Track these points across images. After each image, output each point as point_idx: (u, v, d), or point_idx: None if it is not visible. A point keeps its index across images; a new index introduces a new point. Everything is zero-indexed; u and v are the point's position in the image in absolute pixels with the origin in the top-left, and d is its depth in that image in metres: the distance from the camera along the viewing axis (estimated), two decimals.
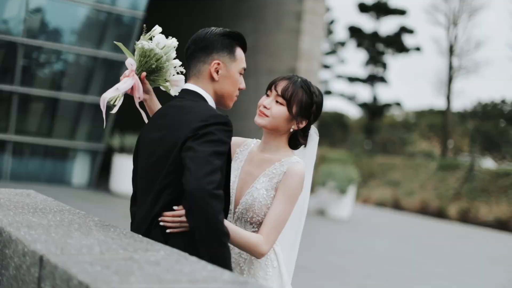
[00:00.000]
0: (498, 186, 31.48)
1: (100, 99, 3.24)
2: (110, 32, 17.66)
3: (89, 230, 2.72)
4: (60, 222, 2.82)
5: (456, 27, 42.18)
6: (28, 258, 2.29)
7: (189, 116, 2.95)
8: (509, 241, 23.77)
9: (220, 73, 3.13)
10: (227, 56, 3.14)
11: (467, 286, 11.93)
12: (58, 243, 2.34)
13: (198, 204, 2.67)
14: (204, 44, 3.14)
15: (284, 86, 3.30)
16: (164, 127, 3.06)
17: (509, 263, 16.97)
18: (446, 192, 32.69)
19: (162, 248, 2.49)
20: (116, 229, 2.82)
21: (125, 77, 3.22)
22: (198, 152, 2.76)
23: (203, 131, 2.84)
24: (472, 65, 42.12)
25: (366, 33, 44.82)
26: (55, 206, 3.36)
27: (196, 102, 3.07)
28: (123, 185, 17.02)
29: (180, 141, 2.89)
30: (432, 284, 11.46)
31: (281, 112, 3.30)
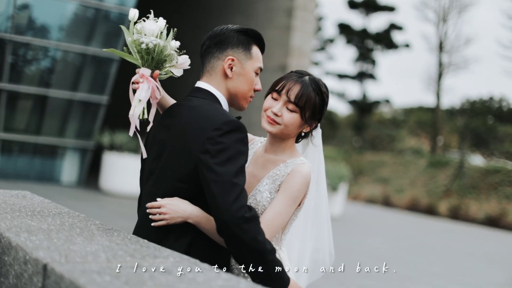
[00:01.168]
0: (488, 183, 31.54)
1: (131, 120, 2.96)
2: (99, 29, 17.47)
3: (92, 234, 2.58)
4: (60, 226, 2.68)
5: (445, 23, 42.21)
6: (30, 266, 2.15)
7: (201, 121, 2.83)
8: (502, 239, 23.79)
9: (234, 70, 3.00)
10: (242, 53, 3.01)
11: (467, 286, 11.84)
12: (62, 250, 2.20)
13: (234, 234, 2.65)
14: (219, 40, 3.02)
15: (297, 93, 3.09)
16: (173, 128, 2.94)
17: (505, 261, 16.95)
18: (436, 189, 32.72)
19: (171, 254, 2.36)
20: (119, 234, 2.69)
21: (136, 84, 2.99)
22: (221, 176, 2.67)
23: (220, 146, 2.72)
24: (462, 62, 42.18)
25: (355, 30, 44.78)
26: (53, 208, 3.22)
27: (209, 105, 2.93)
28: (113, 183, 16.87)
29: (193, 151, 2.78)
30: (431, 284, 11.37)
31: (293, 119, 3.13)
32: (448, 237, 21.79)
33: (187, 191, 2.85)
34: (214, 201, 2.67)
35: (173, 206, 2.88)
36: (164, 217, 2.87)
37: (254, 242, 2.66)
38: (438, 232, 23.00)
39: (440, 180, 33.71)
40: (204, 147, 2.74)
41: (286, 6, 20.32)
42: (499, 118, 44.92)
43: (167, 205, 2.89)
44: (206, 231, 2.85)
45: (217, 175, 2.68)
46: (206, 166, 2.71)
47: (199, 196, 2.83)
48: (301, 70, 3.22)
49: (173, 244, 2.81)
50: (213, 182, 2.68)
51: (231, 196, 2.64)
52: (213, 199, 2.67)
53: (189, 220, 2.84)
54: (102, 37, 17.50)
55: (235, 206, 2.63)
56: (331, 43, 47.67)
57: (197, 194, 2.83)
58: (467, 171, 32.97)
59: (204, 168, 2.72)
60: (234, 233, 2.64)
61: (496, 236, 24.31)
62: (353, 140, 46.61)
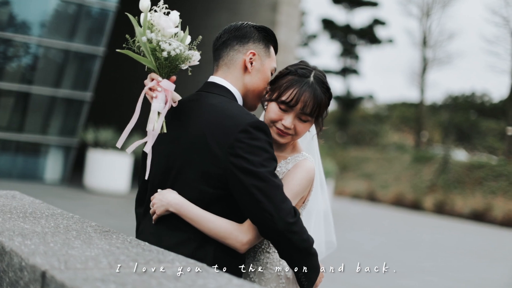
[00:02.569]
0: (473, 177, 31.62)
1: (150, 135, 2.79)
2: (82, 25, 17.25)
3: (90, 237, 2.43)
4: (55, 229, 2.53)
5: (429, 18, 42.24)
6: (26, 273, 1.99)
7: (224, 121, 2.69)
8: (489, 233, 23.83)
9: (254, 65, 2.90)
10: (263, 49, 2.93)
11: (459, 282, 11.77)
12: (60, 255, 2.05)
13: (284, 237, 2.60)
14: (241, 33, 2.93)
15: (312, 105, 2.90)
16: (189, 126, 2.78)
17: (495, 257, 16.96)
18: (420, 184, 32.77)
19: (176, 258, 2.22)
20: (118, 236, 2.54)
21: (150, 92, 2.82)
22: (264, 180, 2.59)
23: (253, 149, 2.62)
24: (445, 57, 42.26)
25: (339, 25, 44.74)
26: (45, 209, 3.06)
27: (229, 103, 2.80)
28: (98, 180, 16.68)
29: (219, 154, 2.65)
30: (423, 280, 11.30)
31: (307, 127, 2.98)
32: (436, 232, 21.79)
33: (212, 194, 2.72)
34: (258, 207, 2.58)
35: (159, 195, 2.79)
36: (153, 208, 2.79)
37: (302, 242, 2.63)
38: (425, 227, 23.00)
39: (425, 175, 33.76)
40: (234, 150, 2.62)
41: (271, 1, 20.20)
42: (482, 113, 45.14)
43: (156, 195, 2.80)
44: (189, 221, 2.71)
45: (259, 179, 2.59)
46: (243, 171, 2.60)
47: (223, 199, 2.72)
48: (301, 66, 3.01)
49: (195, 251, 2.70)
50: (255, 187, 2.58)
51: (278, 201, 2.58)
52: (258, 204, 2.58)
53: (170, 208, 2.73)
54: (84, 33, 17.28)
55: (284, 211, 2.57)
56: (314, 39, 47.61)
57: (222, 196, 2.72)
58: (451, 166, 33.03)
59: (240, 173, 2.61)
60: (284, 237, 2.59)
61: (482, 231, 24.36)
62: (336, 135, 46.60)
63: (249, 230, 2.72)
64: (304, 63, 3.06)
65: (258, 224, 2.62)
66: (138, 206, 3.13)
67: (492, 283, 12.30)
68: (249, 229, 2.72)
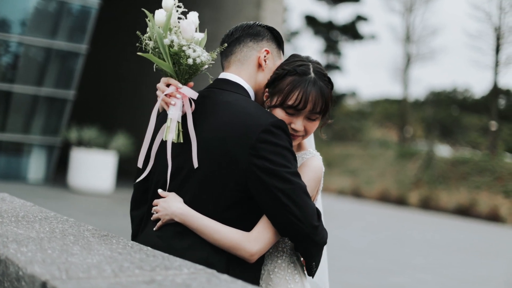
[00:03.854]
0: (457, 172, 31.70)
1: (166, 145, 2.64)
2: (64, 22, 17.02)
3: (88, 243, 2.28)
4: (51, 234, 2.38)
5: (412, 14, 42.28)
6: (24, 283, 1.84)
7: (244, 119, 2.57)
8: (475, 229, 23.87)
9: (267, 63, 2.82)
10: (275, 49, 2.90)
11: (451, 279, 11.71)
12: (60, 263, 1.90)
13: (309, 239, 2.56)
14: (255, 31, 2.86)
15: (321, 104, 2.77)
16: (204, 124, 2.64)
17: (484, 252, 16.97)
18: (405, 180, 32.81)
19: (183, 264, 2.08)
20: (118, 240, 2.39)
21: (167, 98, 2.67)
22: (290, 183, 2.50)
23: (277, 150, 2.52)
24: (428, 52, 42.32)
25: (322, 22, 44.70)
26: (38, 212, 2.91)
27: (246, 101, 2.69)
28: (82, 180, 16.47)
29: (239, 155, 2.53)
30: (414, 277, 11.23)
31: (316, 125, 2.86)
32: (423, 228, 21.79)
33: (228, 198, 2.60)
34: (284, 210, 2.49)
35: (164, 203, 2.66)
36: (158, 215, 2.67)
37: (322, 240, 2.61)
38: (412, 223, 23.01)
39: (409, 171, 33.81)
40: (256, 151, 2.51)
41: None
42: (465, 108, 45.32)
43: (160, 202, 2.68)
44: (195, 231, 2.59)
45: (284, 182, 2.49)
46: (267, 173, 2.50)
47: (240, 202, 2.60)
48: (297, 63, 2.83)
49: None
50: (280, 190, 2.49)
51: (304, 204, 2.50)
52: (283, 208, 2.49)
53: (174, 218, 2.61)
54: (67, 31, 17.06)
55: (310, 215, 2.51)
56: (297, 35, 47.55)
57: (239, 200, 2.60)
58: (436, 162, 33.10)
59: (264, 175, 2.50)
60: (308, 238, 2.55)
61: (469, 226, 24.40)
62: (320, 132, 46.55)
63: (258, 239, 2.60)
64: (297, 57, 2.90)
65: (282, 227, 2.54)
66: (134, 208, 2.99)
67: (484, 279, 12.27)
68: (258, 238, 2.60)
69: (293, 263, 2.86)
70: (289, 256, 2.85)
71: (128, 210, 3.14)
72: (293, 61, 2.86)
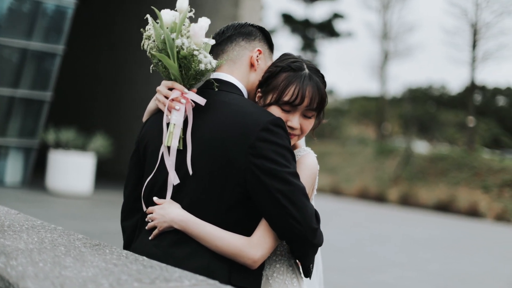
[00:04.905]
0: (436, 169, 31.84)
1: (169, 152, 2.55)
2: (40, 23, 16.79)
3: (81, 253, 2.16)
4: (40, 245, 2.25)
5: (388, 11, 42.38)
6: None
7: (243, 118, 2.49)
8: (455, 224, 23.97)
9: (259, 64, 2.74)
10: (267, 50, 2.84)
11: (432, 275, 11.69)
12: (53, 278, 1.78)
13: (308, 241, 2.50)
14: (247, 31, 2.78)
15: (317, 100, 2.71)
16: (197, 124, 2.55)
17: (466, 248, 17.05)
18: (384, 177, 32.90)
19: (183, 275, 1.97)
20: (111, 250, 2.28)
21: (171, 103, 2.55)
22: (289, 184, 2.44)
23: (277, 148, 2.45)
24: (405, 49, 42.47)
25: (298, 20, 44.71)
26: (24, 221, 2.77)
27: (242, 100, 2.62)
28: (60, 182, 16.27)
29: (236, 153, 2.46)
30: (395, 275, 11.19)
31: (311, 124, 2.80)
32: (404, 224, 21.84)
33: (227, 202, 2.51)
34: (283, 212, 2.42)
35: (160, 210, 2.55)
36: (154, 223, 2.56)
37: (320, 243, 2.55)
38: (392, 220, 23.05)
39: (388, 167, 33.90)
40: (256, 150, 2.44)
41: None
42: (441, 104, 45.61)
43: (156, 209, 2.56)
44: (196, 238, 2.49)
45: (284, 183, 2.43)
46: (267, 173, 2.43)
47: (240, 204, 2.52)
48: (290, 59, 2.77)
49: None
50: (279, 191, 2.42)
51: (303, 206, 2.44)
52: (282, 210, 2.42)
53: (174, 225, 2.51)
54: (43, 31, 16.83)
55: (310, 217, 2.45)
56: (274, 33, 47.51)
57: (239, 202, 2.51)
58: (414, 159, 33.22)
59: (263, 176, 2.43)
60: (308, 241, 2.49)
61: (449, 222, 24.49)
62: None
63: (260, 244, 2.52)
64: (289, 55, 2.84)
65: (280, 229, 2.47)
66: (125, 218, 2.88)
67: (468, 275, 12.28)
68: (260, 243, 2.52)
69: (291, 267, 2.78)
70: (287, 259, 2.77)
71: (108, 212, 3.05)
72: (285, 59, 2.80)
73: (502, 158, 33.07)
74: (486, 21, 35.91)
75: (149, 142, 2.70)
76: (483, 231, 23.03)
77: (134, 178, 2.82)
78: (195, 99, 2.54)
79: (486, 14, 35.96)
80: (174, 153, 2.54)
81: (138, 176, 2.80)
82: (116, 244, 2.53)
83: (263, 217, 2.51)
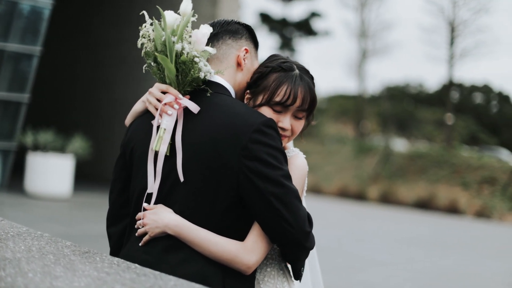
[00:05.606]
0: (415, 166, 31.98)
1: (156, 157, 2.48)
2: (17, 24, 16.57)
3: (71, 262, 2.09)
4: (28, 253, 2.17)
5: (366, 9, 42.48)
6: None
7: (234, 119, 2.42)
8: (436, 221, 24.09)
9: (246, 63, 2.67)
10: (253, 48, 2.77)
11: (416, 273, 11.68)
12: None
13: (301, 245, 2.45)
14: (234, 29, 2.71)
15: (309, 100, 2.68)
16: (186, 127, 2.48)
17: (447, 245, 17.11)
18: (364, 175, 32.98)
19: (178, 283, 1.91)
20: (102, 258, 2.20)
21: (164, 108, 2.48)
22: (282, 187, 2.38)
23: (270, 150, 2.39)
24: (383, 47, 42.60)
25: (276, 19, 44.70)
26: (9, 228, 2.68)
27: (232, 100, 2.55)
28: (39, 185, 16.06)
29: (228, 156, 2.39)
30: (384, 274, 11.18)
31: (302, 125, 2.77)
32: (384, 222, 21.89)
33: (219, 206, 2.44)
34: (276, 216, 2.37)
35: (153, 215, 2.47)
36: (145, 229, 2.48)
37: (312, 246, 2.50)
38: (373, 218, 23.09)
39: (367, 166, 33.99)
40: (248, 152, 2.38)
41: None
42: (419, 102, 45.85)
43: (147, 214, 2.48)
44: (190, 244, 2.43)
45: (277, 186, 2.37)
46: (260, 175, 2.37)
47: (234, 208, 2.45)
48: (280, 60, 2.73)
49: None
50: (272, 194, 2.37)
51: (296, 209, 2.39)
52: (275, 213, 2.37)
53: (167, 231, 2.43)
54: (19, 32, 16.62)
55: (302, 220, 2.40)
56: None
57: (232, 205, 2.45)
58: (394, 157, 33.33)
59: (256, 178, 2.37)
60: (300, 245, 2.44)
61: (429, 219, 24.60)
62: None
63: (255, 249, 2.46)
64: (278, 56, 2.80)
65: (273, 232, 2.42)
66: (111, 224, 2.80)
67: (452, 272, 12.30)
68: (254, 248, 2.46)
69: (282, 270, 2.73)
70: (278, 263, 2.72)
71: (88, 214, 2.97)
72: (275, 60, 2.76)
73: (481, 155, 33.31)
74: (464, 18, 36.13)
75: (136, 146, 2.62)
76: (464, 228, 23.16)
77: (120, 183, 2.75)
78: (189, 106, 2.47)
79: (464, 12, 36.18)
80: (162, 159, 2.47)
81: (124, 181, 2.73)
82: (99, 247, 2.46)
83: (256, 220, 2.46)
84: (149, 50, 2.55)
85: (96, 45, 22.84)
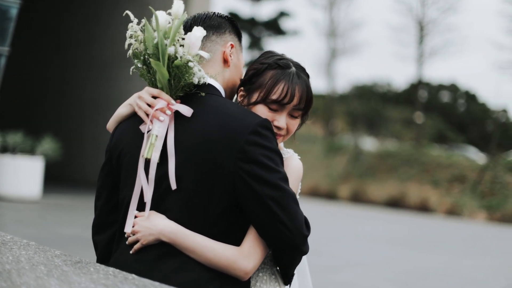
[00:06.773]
0: (386, 165, 32.16)
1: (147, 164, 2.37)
2: None
3: (64, 273, 1.98)
4: (17, 264, 2.06)
5: (334, 8, 42.61)
6: None
7: (228, 120, 2.33)
8: (407, 220, 24.26)
9: (232, 59, 2.57)
10: (238, 42, 2.66)
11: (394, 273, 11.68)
12: None
13: (298, 249, 2.38)
14: (216, 23, 2.59)
15: (306, 99, 2.61)
16: (178, 130, 2.37)
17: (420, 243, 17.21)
18: (334, 174, 33.07)
19: None
20: (96, 269, 2.10)
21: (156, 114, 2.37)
22: (280, 190, 2.30)
23: (267, 152, 2.31)
24: (352, 47, 42.77)
25: (245, 18, 44.63)
26: None
27: (224, 100, 2.46)
28: (8, 187, 15.80)
29: (223, 158, 2.30)
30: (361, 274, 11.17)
31: (297, 124, 2.69)
32: (357, 222, 21.96)
33: (216, 207, 2.35)
34: (274, 219, 2.29)
35: (145, 222, 2.36)
36: (137, 237, 2.37)
37: (307, 250, 2.43)
38: (344, 217, 23.17)
39: (337, 165, 34.09)
40: (245, 155, 2.28)
41: None
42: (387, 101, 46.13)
43: (139, 221, 2.38)
44: (185, 250, 2.33)
45: (275, 189, 2.28)
46: (257, 179, 2.27)
47: (229, 212, 2.36)
48: (276, 57, 2.64)
49: None
50: (270, 198, 2.28)
51: (294, 213, 2.31)
52: (273, 217, 2.28)
53: (162, 238, 2.33)
54: None
55: (300, 224, 2.33)
56: None
57: (227, 210, 2.35)
58: (364, 156, 33.48)
59: (253, 182, 2.28)
60: (298, 249, 2.37)
61: (400, 218, 24.78)
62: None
63: (252, 255, 2.38)
64: (273, 53, 2.71)
65: (270, 237, 2.34)
66: (97, 232, 2.66)
67: (428, 271, 12.34)
68: (252, 253, 2.38)
69: (274, 275, 2.65)
70: (270, 268, 2.64)
71: (58, 216, 2.85)
72: (270, 56, 2.67)
73: (450, 154, 33.61)
74: (432, 17, 36.40)
75: (125, 151, 2.50)
76: (436, 226, 23.34)
77: (107, 189, 2.62)
78: (181, 111, 2.37)
79: (432, 11, 36.45)
80: (154, 167, 2.36)
81: (111, 187, 2.61)
82: (70, 250, 2.34)
83: (252, 224, 2.37)
84: (137, 51, 2.43)
85: (66, 45, 22.54)
